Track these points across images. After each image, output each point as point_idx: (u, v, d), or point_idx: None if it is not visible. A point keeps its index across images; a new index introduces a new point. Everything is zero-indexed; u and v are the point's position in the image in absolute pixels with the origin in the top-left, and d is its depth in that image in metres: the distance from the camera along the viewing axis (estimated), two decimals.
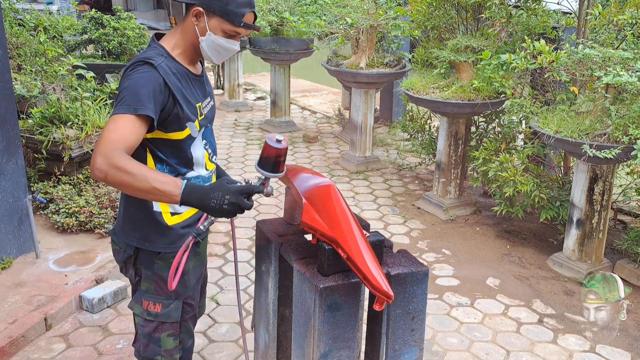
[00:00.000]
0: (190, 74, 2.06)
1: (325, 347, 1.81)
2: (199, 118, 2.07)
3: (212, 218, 1.87)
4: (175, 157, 2.06)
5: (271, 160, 1.82)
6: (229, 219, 1.89)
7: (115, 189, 1.84)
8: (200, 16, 1.97)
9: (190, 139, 2.06)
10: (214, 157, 2.27)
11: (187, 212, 2.14)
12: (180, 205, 1.77)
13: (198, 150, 2.12)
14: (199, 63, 2.17)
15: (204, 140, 2.15)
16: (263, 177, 1.84)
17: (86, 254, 3.96)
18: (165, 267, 2.12)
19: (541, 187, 4.30)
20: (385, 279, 1.68)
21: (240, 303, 2.56)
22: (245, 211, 1.78)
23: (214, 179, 2.26)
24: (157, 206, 2.08)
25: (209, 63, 9.51)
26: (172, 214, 2.10)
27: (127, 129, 1.81)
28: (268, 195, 1.85)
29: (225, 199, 1.73)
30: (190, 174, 2.12)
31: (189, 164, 2.10)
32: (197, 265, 2.25)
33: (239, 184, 1.81)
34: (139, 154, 1.98)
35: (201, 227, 1.88)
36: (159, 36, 2.11)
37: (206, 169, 2.19)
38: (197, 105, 2.08)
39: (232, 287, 3.85)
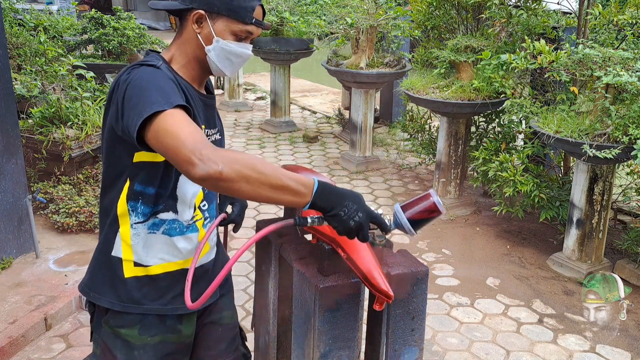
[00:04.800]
0: (192, 89, 1.67)
1: (325, 347, 1.80)
2: None
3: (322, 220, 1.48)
4: (157, 186, 1.61)
5: (424, 217, 1.51)
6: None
7: (225, 193, 1.37)
8: (203, 20, 1.60)
9: None
10: (213, 205, 1.81)
11: (156, 267, 1.69)
12: (305, 207, 1.40)
13: (188, 184, 1.66)
14: (204, 85, 1.78)
15: None
16: (393, 225, 1.52)
17: (86, 254, 3.96)
18: (110, 335, 1.71)
19: (541, 187, 4.30)
20: (385, 279, 1.68)
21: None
22: (355, 240, 1.46)
23: (200, 236, 1.75)
24: (119, 251, 1.67)
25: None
26: (136, 264, 1.67)
27: (183, 120, 1.38)
28: (379, 243, 1.58)
29: (358, 216, 1.40)
30: (165, 216, 1.65)
31: (171, 197, 1.64)
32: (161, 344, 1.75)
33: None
34: (116, 185, 1.63)
35: (309, 220, 1.47)
36: None
37: (193, 214, 1.70)
38: (202, 127, 1.66)
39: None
